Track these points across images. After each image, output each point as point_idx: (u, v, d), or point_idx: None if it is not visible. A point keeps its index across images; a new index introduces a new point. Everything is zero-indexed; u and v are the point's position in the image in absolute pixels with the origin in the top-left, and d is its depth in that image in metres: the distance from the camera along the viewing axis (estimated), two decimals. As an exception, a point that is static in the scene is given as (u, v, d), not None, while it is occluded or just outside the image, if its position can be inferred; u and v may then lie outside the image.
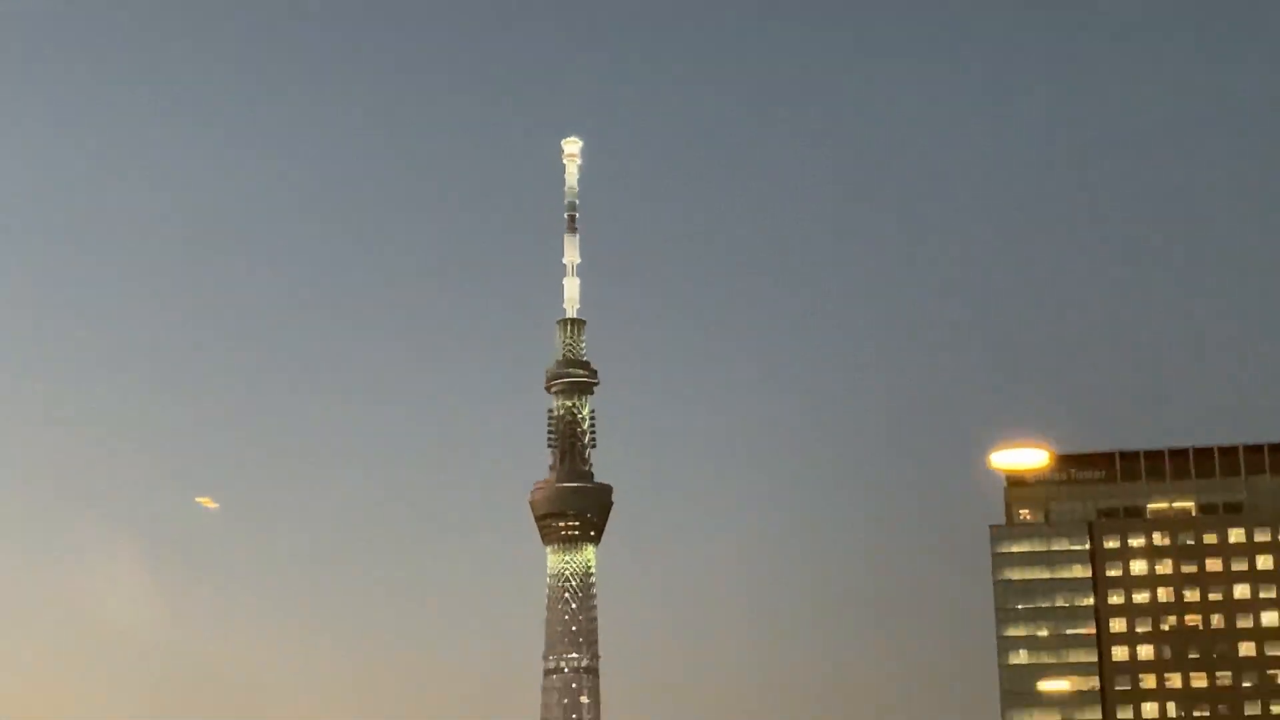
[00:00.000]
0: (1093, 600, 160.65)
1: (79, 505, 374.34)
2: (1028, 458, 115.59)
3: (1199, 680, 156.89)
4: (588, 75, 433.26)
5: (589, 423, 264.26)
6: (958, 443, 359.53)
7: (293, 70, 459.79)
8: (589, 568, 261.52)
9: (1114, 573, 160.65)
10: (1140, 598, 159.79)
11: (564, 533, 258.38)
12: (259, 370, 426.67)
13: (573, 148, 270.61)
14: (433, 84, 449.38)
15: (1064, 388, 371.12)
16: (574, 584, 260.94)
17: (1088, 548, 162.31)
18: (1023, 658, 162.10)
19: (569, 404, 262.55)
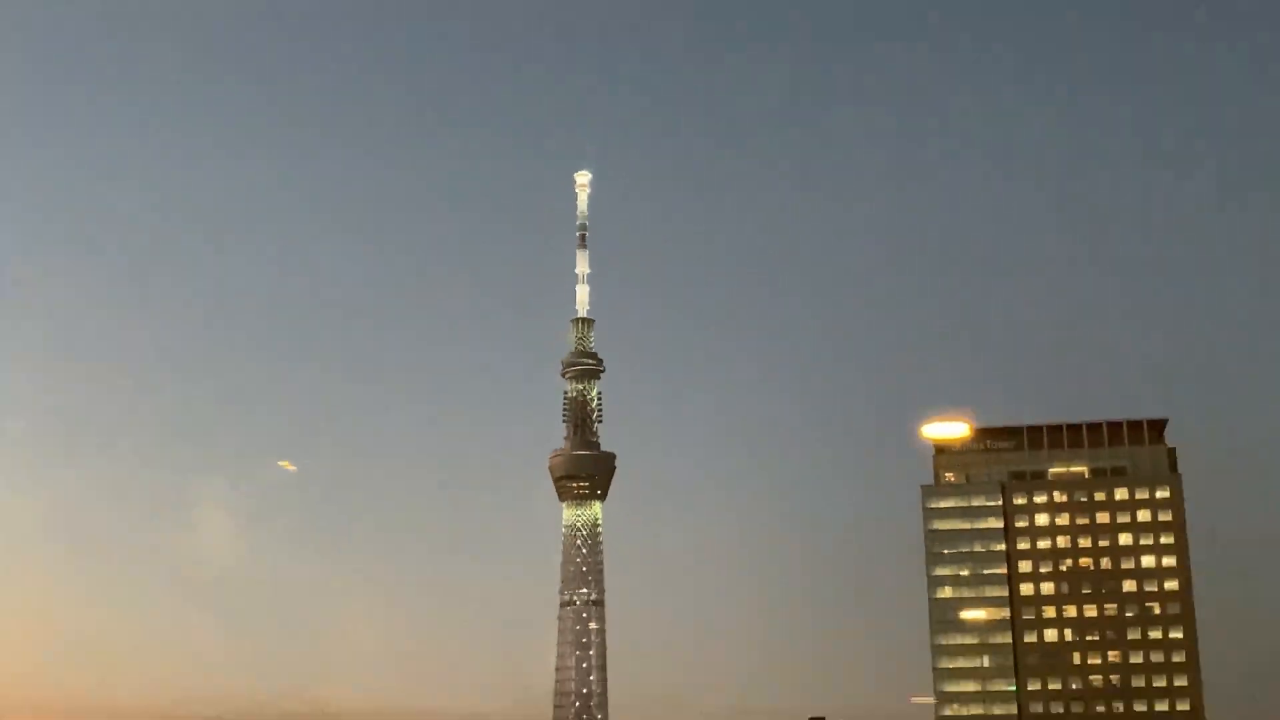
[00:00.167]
0: (1004, 546, 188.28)
1: (185, 468, 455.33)
2: (951, 430, 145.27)
3: (1090, 611, 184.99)
4: (595, 117, 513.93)
5: (596, 403, 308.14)
6: (895, 418, 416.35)
7: (349, 108, 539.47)
8: (596, 520, 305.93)
9: (1021, 524, 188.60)
10: (1043, 544, 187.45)
11: (576, 491, 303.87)
12: (333, 360, 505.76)
13: (583, 179, 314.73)
14: (469, 125, 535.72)
15: (981, 372, 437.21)
16: (584, 533, 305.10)
17: (1000, 504, 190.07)
18: (948, 593, 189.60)
19: (580, 387, 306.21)
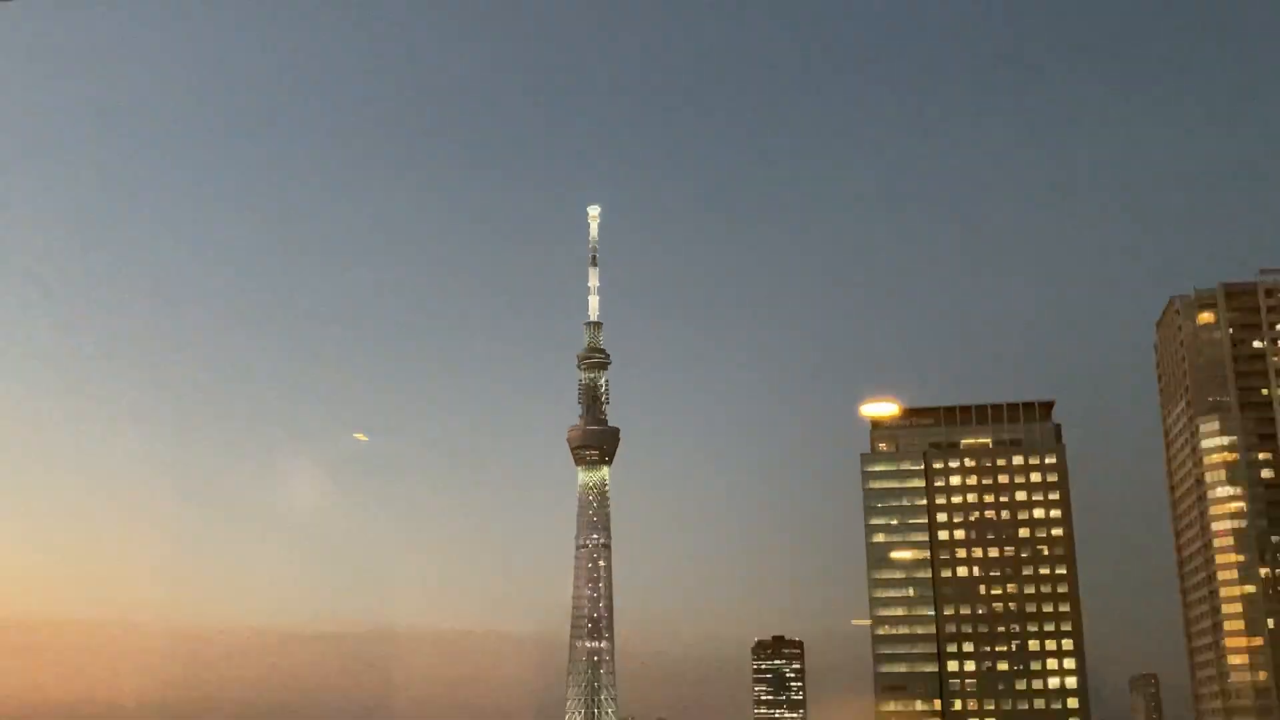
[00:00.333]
0: (925, 502, 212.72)
1: (281, 439, 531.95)
2: (884, 410, 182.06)
3: (993, 552, 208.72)
4: (604, 164, 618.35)
5: (604, 388, 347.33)
6: (840, 400, 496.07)
7: (412, 156, 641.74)
8: (604, 481, 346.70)
9: (939, 484, 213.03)
10: (956, 500, 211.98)
11: (588, 458, 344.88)
12: (398, 356, 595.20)
13: (594, 212, 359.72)
14: (507, 170, 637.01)
15: (908, 362, 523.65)
16: (595, 491, 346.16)
17: (922, 468, 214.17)
18: (881, 538, 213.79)
19: (592, 376, 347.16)
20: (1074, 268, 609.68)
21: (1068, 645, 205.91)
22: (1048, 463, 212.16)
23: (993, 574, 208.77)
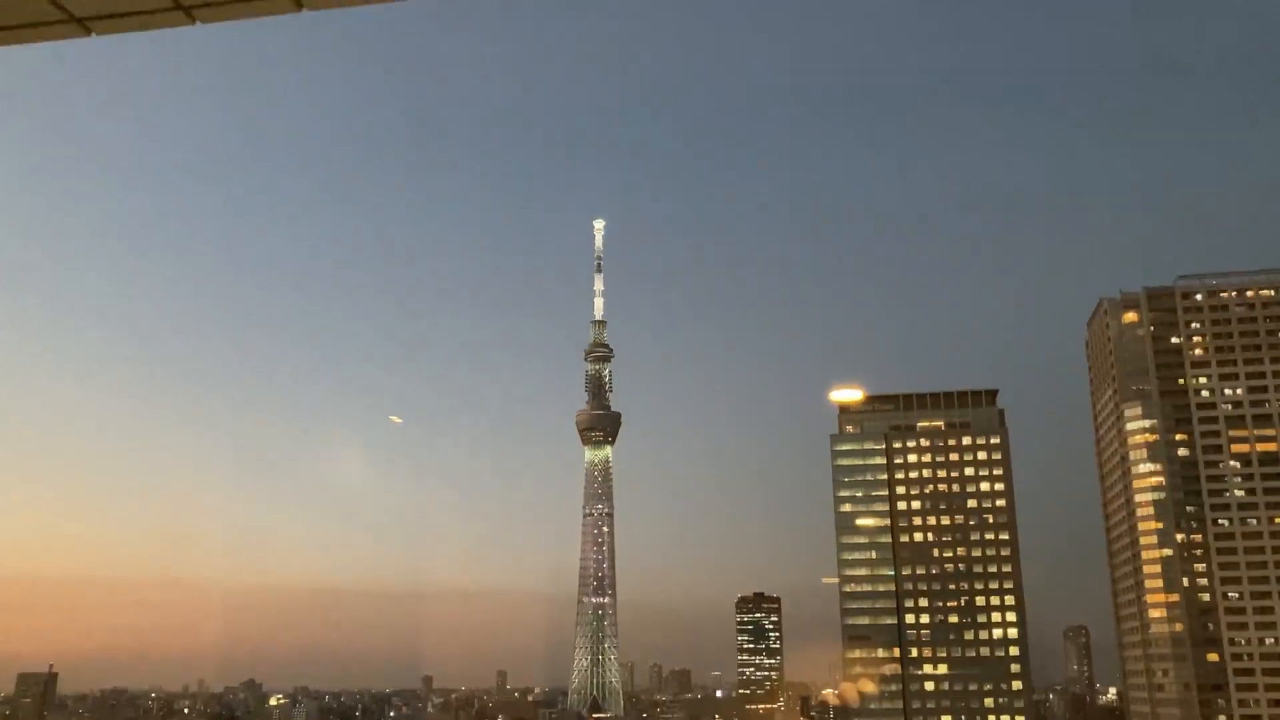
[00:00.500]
0: (886, 476, 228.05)
1: (326, 422, 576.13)
2: (850, 395, 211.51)
3: (945, 520, 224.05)
4: (607, 179, 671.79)
5: (608, 378, 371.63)
6: (814, 387, 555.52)
7: (433, 167, 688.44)
8: (608, 458, 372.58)
9: (899, 461, 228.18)
10: (913, 474, 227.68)
11: (594, 439, 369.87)
12: (429, 349, 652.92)
13: (599, 225, 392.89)
14: (526, 189, 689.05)
15: (871, 355, 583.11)
16: (599, 467, 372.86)
17: (884, 447, 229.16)
18: (848, 508, 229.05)
19: (597, 367, 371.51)
20: (1016, 272, 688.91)
21: (1009, 601, 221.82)
22: (992, 443, 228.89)
23: (944, 539, 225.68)
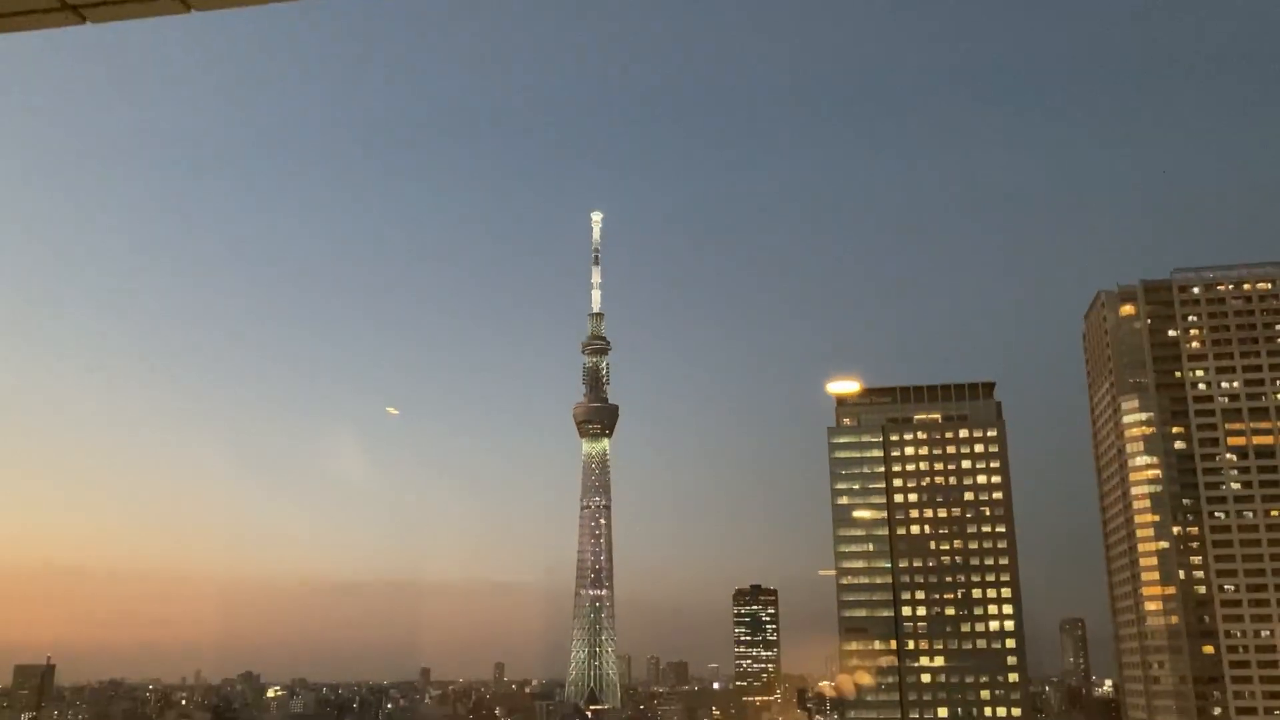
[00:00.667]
0: (883, 468, 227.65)
1: (326, 414, 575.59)
2: (848, 387, 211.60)
3: (942, 513, 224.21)
4: (605, 171, 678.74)
5: (606, 371, 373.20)
6: (811, 380, 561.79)
7: (434, 161, 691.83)
8: (605, 451, 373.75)
9: (895, 454, 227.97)
10: (910, 467, 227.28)
11: (592, 431, 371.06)
12: (429, 345, 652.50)
13: (597, 217, 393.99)
14: (523, 181, 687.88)
15: (869, 348, 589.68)
16: (597, 459, 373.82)
17: (881, 440, 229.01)
18: (845, 500, 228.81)
19: (595, 360, 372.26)
20: (1013, 266, 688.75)
21: (1006, 593, 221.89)
22: (989, 435, 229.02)
23: (941, 531, 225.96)
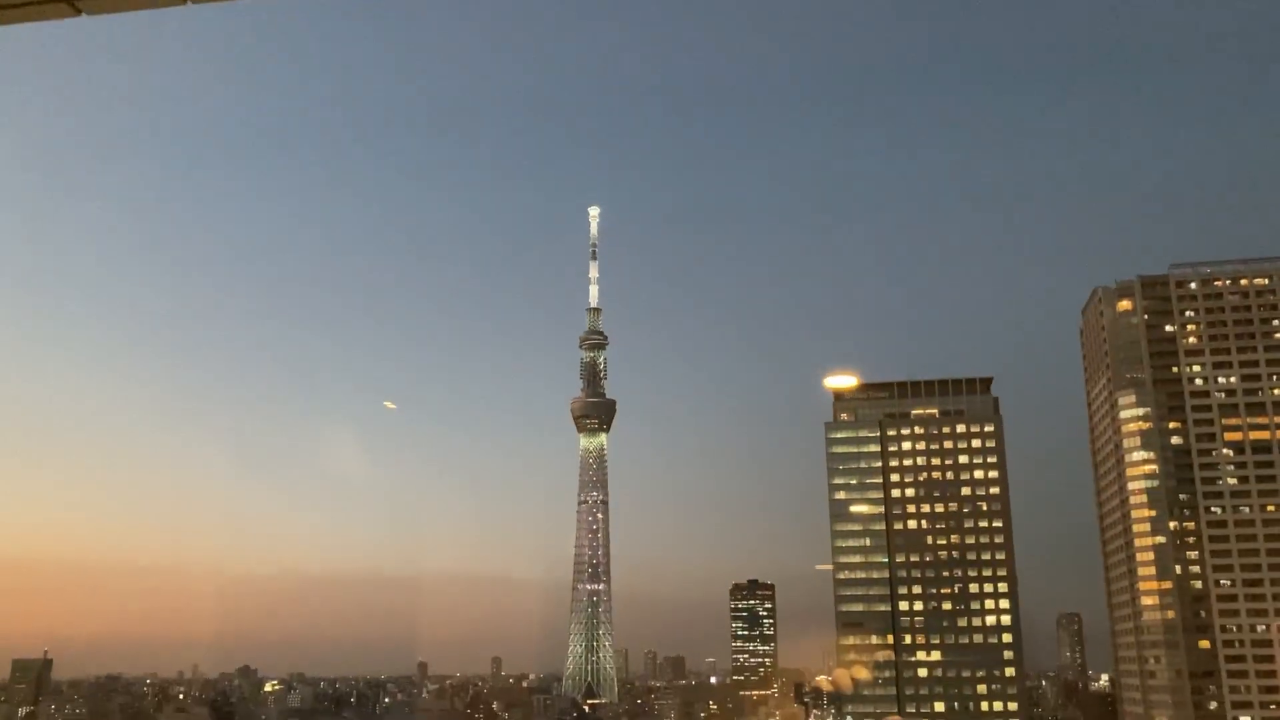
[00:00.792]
0: (880, 464, 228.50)
1: (325, 411, 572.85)
2: (845, 383, 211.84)
3: (939, 507, 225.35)
4: (603, 166, 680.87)
5: (603, 365, 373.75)
6: (809, 375, 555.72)
7: (428, 155, 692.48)
8: (603, 446, 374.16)
9: (893, 449, 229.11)
10: (907, 462, 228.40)
11: (589, 426, 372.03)
12: (425, 339, 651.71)
13: (594, 212, 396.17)
14: (520, 177, 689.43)
15: (867, 343, 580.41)
16: (594, 454, 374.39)
17: (878, 435, 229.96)
18: (842, 495, 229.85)
19: (592, 354, 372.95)
20: (1011, 261, 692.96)
21: (1002, 588, 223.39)
22: (986, 430, 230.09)
23: (938, 526, 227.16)
